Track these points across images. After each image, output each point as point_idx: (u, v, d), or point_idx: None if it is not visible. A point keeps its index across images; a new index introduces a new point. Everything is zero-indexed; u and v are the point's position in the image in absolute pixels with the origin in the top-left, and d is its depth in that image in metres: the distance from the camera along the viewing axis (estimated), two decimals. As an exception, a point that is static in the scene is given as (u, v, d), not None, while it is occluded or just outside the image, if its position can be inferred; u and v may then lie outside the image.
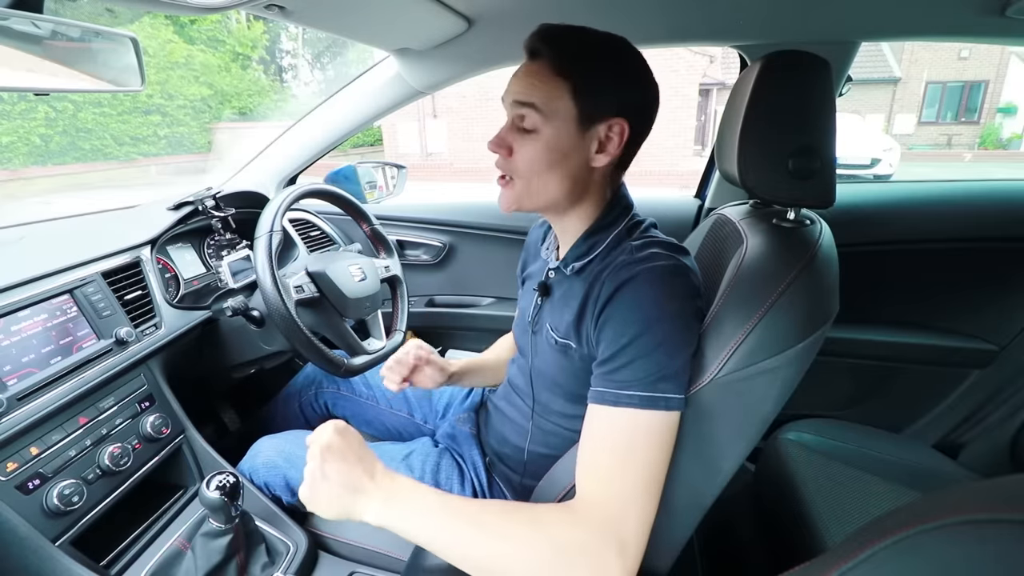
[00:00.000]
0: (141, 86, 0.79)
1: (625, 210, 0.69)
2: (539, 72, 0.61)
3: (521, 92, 0.62)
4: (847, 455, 1.04)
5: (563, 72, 0.60)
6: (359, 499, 0.55)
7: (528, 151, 0.63)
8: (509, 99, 0.64)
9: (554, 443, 0.75)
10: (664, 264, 0.59)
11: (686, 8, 1.02)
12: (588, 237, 0.68)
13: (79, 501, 0.72)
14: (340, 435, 0.58)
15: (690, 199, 1.49)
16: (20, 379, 0.72)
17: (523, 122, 0.62)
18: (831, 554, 0.33)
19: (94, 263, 0.89)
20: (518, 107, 0.62)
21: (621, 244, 0.65)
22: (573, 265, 0.68)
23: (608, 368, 0.58)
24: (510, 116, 0.64)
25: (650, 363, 0.56)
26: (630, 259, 0.61)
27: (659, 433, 0.56)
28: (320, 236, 1.48)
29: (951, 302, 1.30)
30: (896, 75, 13.70)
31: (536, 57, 0.62)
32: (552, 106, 0.61)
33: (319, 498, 0.56)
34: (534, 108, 0.61)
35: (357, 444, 0.59)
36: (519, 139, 0.63)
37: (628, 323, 0.57)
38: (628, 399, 0.56)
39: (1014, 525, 0.25)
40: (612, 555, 0.51)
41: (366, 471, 0.56)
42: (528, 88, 0.61)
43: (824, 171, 0.64)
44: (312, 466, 0.57)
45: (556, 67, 0.61)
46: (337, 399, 1.12)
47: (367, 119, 1.38)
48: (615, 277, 0.60)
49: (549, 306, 0.73)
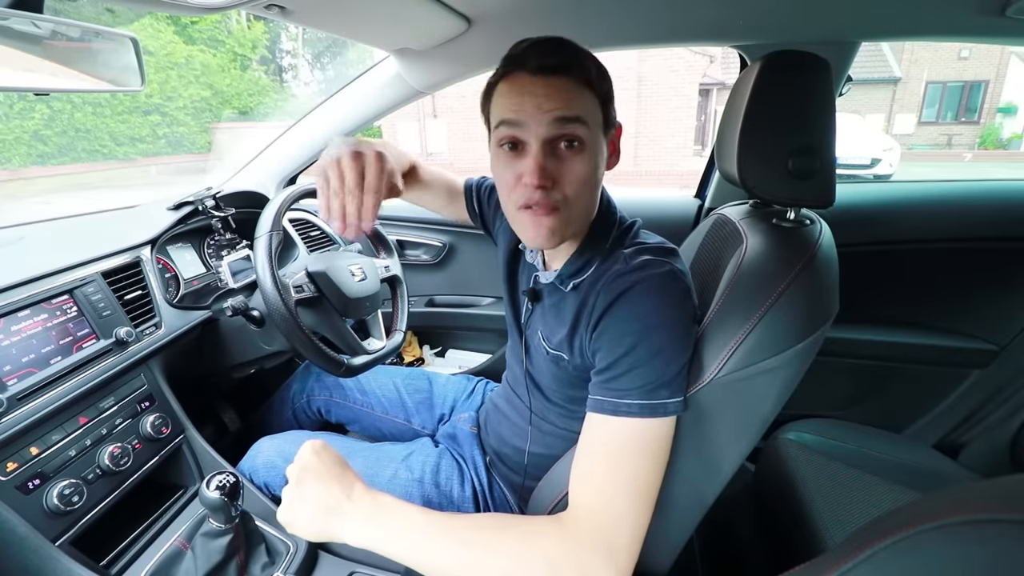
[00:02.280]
0: (141, 86, 0.79)
1: (611, 214, 0.68)
2: (571, 87, 0.57)
3: (563, 107, 0.56)
4: (847, 455, 1.04)
5: (591, 83, 0.58)
6: (337, 519, 0.55)
7: (579, 170, 0.58)
8: (544, 117, 0.56)
9: (553, 444, 0.75)
10: (659, 272, 0.59)
11: (686, 8, 1.02)
12: (583, 252, 0.66)
13: (79, 501, 0.72)
14: (317, 455, 0.59)
15: (690, 199, 1.48)
16: (20, 379, 0.72)
17: (567, 139, 0.57)
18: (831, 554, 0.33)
19: (94, 263, 0.89)
20: (563, 124, 0.56)
21: (614, 253, 0.64)
22: (572, 283, 0.66)
23: (606, 377, 0.58)
24: (542, 138, 0.56)
25: (649, 371, 0.56)
26: (624, 268, 0.60)
27: (656, 440, 0.56)
28: (320, 236, 1.48)
29: (951, 302, 1.30)
30: (896, 75, 13.70)
31: (561, 72, 0.56)
32: (594, 116, 0.58)
33: (297, 519, 0.56)
34: (581, 121, 0.57)
35: (334, 463, 0.59)
36: (562, 161, 0.58)
37: (626, 333, 0.57)
38: (627, 408, 0.56)
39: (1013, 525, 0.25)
40: (604, 567, 0.51)
41: (344, 491, 0.56)
42: (568, 102, 0.56)
43: (824, 171, 0.64)
44: (290, 488, 0.57)
45: (585, 79, 0.58)
46: (330, 405, 1.11)
47: (367, 119, 1.38)
48: (610, 288, 0.59)
49: (540, 313, 0.72)
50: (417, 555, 0.54)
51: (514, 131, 0.58)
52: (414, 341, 1.73)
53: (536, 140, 0.57)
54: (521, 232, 0.63)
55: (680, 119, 9.99)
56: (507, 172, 0.60)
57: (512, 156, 0.60)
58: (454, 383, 1.11)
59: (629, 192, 1.53)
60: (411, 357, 1.70)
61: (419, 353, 1.72)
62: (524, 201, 0.59)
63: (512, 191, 0.60)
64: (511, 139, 0.59)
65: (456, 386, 1.10)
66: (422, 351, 1.73)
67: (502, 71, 0.60)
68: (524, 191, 0.58)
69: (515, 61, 0.58)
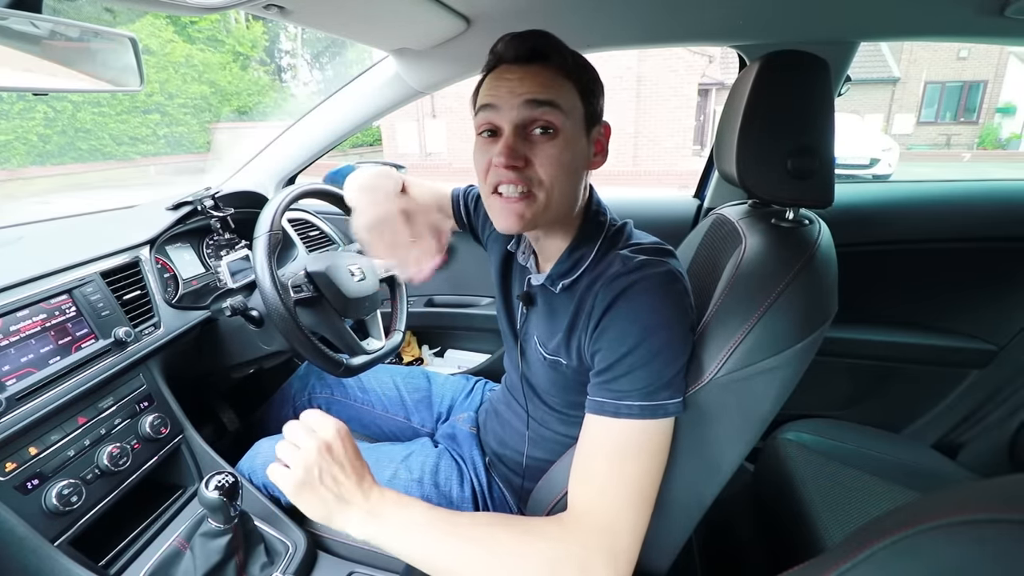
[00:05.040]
0: (140, 86, 0.79)
1: (601, 215, 0.68)
2: (546, 73, 0.58)
3: (536, 91, 0.57)
4: (846, 455, 1.04)
5: (571, 74, 0.59)
6: (344, 509, 0.55)
7: (550, 154, 0.58)
8: (515, 100, 0.57)
9: (552, 450, 0.75)
10: (658, 272, 0.59)
11: (686, 8, 1.02)
12: (572, 252, 0.66)
13: (78, 501, 0.72)
14: (343, 441, 0.58)
15: (689, 199, 1.49)
16: (19, 379, 0.72)
17: (538, 123, 0.58)
18: (830, 554, 0.33)
19: (93, 263, 0.89)
20: (533, 107, 0.57)
21: (608, 255, 0.64)
22: (562, 283, 0.66)
23: (606, 378, 0.58)
24: (514, 121, 0.58)
25: (649, 372, 0.56)
26: (623, 269, 0.60)
27: (656, 441, 0.56)
28: (319, 236, 1.48)
29: (950, 302, 1.30)
30: (895, 75, 13.72)
31: (539, 60, 0.59)
32: (569, 103, 0.59)
33: (305, 496, 0.55)
34: (554, 106, 0.57)
35: (354, 454, 0.58)
36: (535, 144, 0.58)
37: (626, 334, 0.57)
38: (628, 409, 0.55)
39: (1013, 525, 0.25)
40: (604, 567, 0.51)
41: (357, 483, 0.56)
42: (542, 87, 0.57)
43: (823, 171, 0.64)
44: (307, 458, 0.55)
45: (564, 69, 0.59)
46: (331, 403, 1.10)
47: (366, 119, 1.38)
48: (609, 289, 0.59)
49: (535, 316, 0.72)
50: (418, 552, 0.54)
51: (490, 116, 0.60)
52: (413, 341, 1.73)
53: (508, 124, 0.58)
54: (493, 217, 0.64)
55: (679, 119, 9.99)
56: (483, 157, 0.62)
57: (488, 142, 0.61)
58: (452, 383, 1.11)
59: (628, 192, 1.53)
60: (410, 357, 1.70)
61: (418, 353, 1.72)
62: (495, 182, 0.60)
63: (486, 175, 0.61)
64: (488, 125, 0.60)
65: (455, 386, 1.10)
66: (421, 351, 1.73)
67: (488, 67, 0.62)
68: (495, 172, 0.59)
69: (497, 55, 0.61)
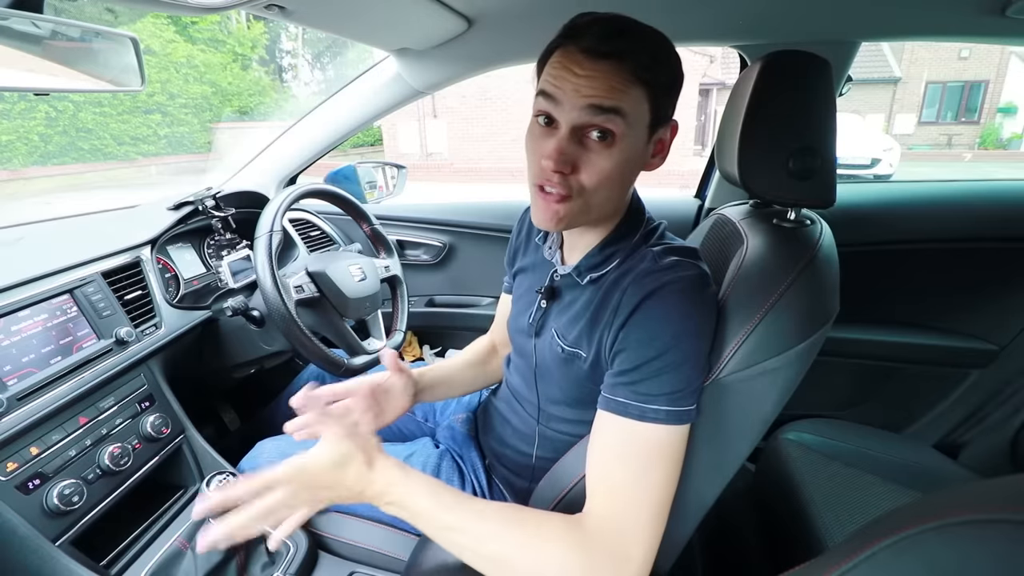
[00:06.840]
0: (141, 86, 0.79)
1: (640, 214, 0.66)
2: (617, 74, 0.52)
3: (602, 96, 0.52)
4: (847, 455, 1.04)
5: (644, 77, 0.53)
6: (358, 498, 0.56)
7: (602, 164, 0.55)
8: (578, 101, 0.53)
9: (560, 448, 0.74)
10: (691, 275, 0.58)
11: (686, 8, 1.02)
12: (605, 247, 0.64)
13: (79, 501, 0.72)
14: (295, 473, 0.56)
15: (690, 199, 1.48)
16: (20, 379, 0.72)
17: (598, 129, 0.54)
18: (831, 554, 0.33)
19: (94, 263, 0.89)
20: (595, 113, 0.53)
21: (639, 250, 0.63)
22: (589, 275, 0.65)
23: (631, 379, 0.56)
24: (572, 123, 0.54)
25: (678, 377, 0.54)
26: (654, 267, 0.59)
27: (676, 447, 0.55)
28: (320, 236, 1.48)
29: (951, 302, 1.30)
30: (896, 75, 13.70)
31: (610, 58, 0.52)
32: (636, 110, 0.54)
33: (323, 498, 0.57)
34: (617, 112, 0.53)
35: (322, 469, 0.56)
36: (588, 151, 0.55)
37: (657, 334, 0.55)
38: (654, 414, 0.54)
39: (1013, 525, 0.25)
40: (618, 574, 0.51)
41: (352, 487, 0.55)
42: (609, 91, 0.52)
43: (824, 171, 0.64)
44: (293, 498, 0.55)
45: (638, 70, 0.53)
46: None
47: (367, 119, 1.38)
48: (640, 286, 0.57)
49: (556, 311, 0.71)
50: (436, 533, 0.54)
51: (548, 106, 0.56)
52: (414, 341, 1.73)
53: (566, 124, 0.54)
54: (533, 209, 0.62)
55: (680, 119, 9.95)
56: (535, 145, 0.58)
57: (543, 132, 0.57)
58: None
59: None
60: (411, 357, 1.70)
61: (419, 353, 1.72)
62: (540, 181, 0.58)
63: (534, 166, 0.59)
64: (546, 113, 0.56)
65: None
66: (422, 351, 1.73)
67: (560, 39, 0.56)
68: (542, 170, 0.57)
69: (572, 33, 0.55)
